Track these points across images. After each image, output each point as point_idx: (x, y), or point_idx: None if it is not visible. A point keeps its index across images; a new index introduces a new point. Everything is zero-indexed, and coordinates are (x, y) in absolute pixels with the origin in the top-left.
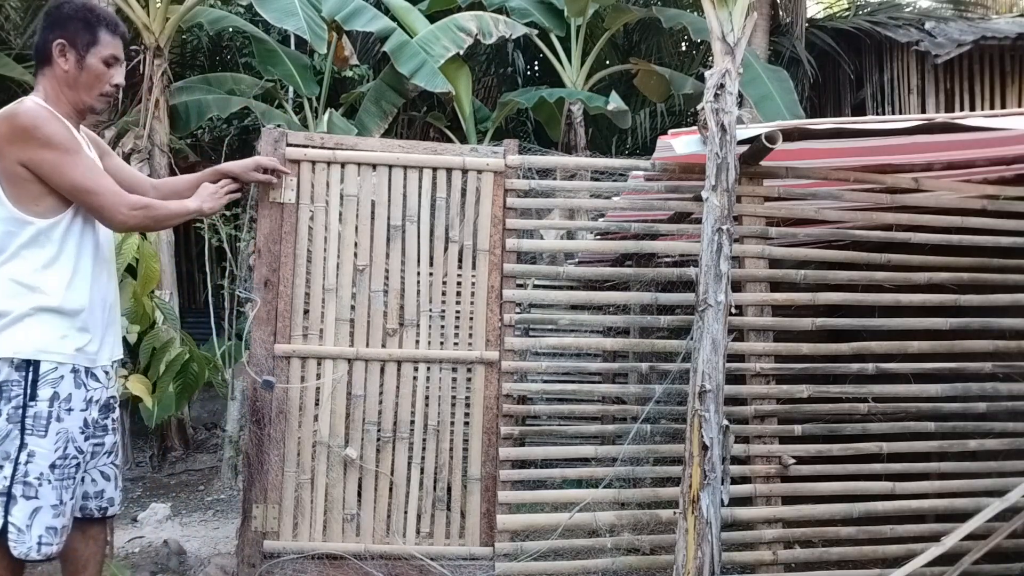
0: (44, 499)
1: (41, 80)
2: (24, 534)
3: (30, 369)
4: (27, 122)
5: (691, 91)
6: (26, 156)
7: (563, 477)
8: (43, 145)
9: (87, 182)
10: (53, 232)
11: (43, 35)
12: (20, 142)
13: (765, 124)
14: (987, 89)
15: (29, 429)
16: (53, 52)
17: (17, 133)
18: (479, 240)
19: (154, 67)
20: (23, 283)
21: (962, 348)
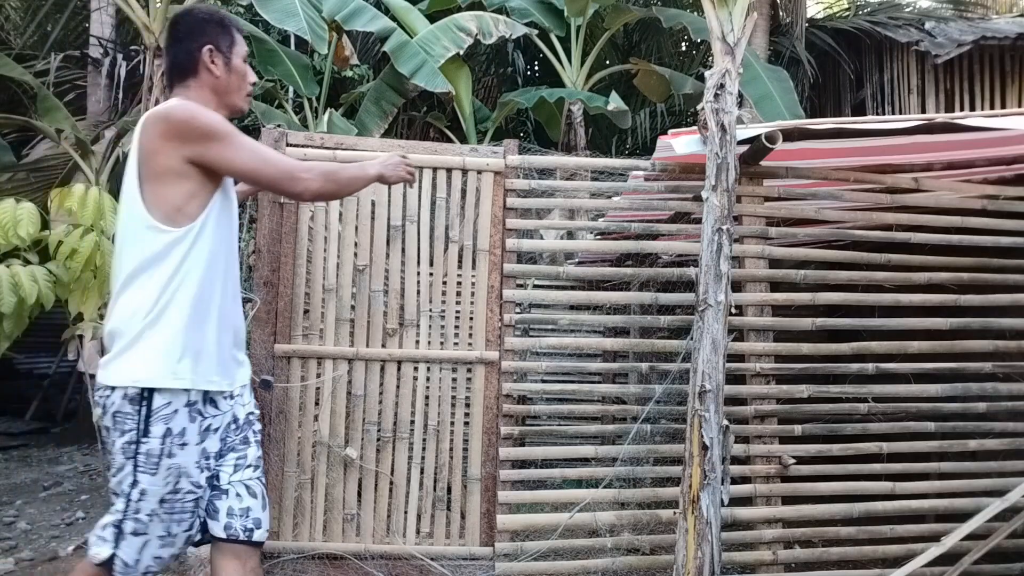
0: (152, 533)
1: (184, 93)
2: (132, 568)
3: (143, 403)
4: (186, 115)
5: (691, 91)
6: (192, 151)
7: (563, 477)
8: (207, 135)
9: (258, 158)
10: (185, 240)
11: (183, 46)
12: (182, 138)
13: (765, 124)
14: (987, 89)
15: (141, 466)
16: (203, 60)
17: (178, 129)
18: (479, 240)
19: (154, 67)
20: (147, 301)
21: (962, 348)
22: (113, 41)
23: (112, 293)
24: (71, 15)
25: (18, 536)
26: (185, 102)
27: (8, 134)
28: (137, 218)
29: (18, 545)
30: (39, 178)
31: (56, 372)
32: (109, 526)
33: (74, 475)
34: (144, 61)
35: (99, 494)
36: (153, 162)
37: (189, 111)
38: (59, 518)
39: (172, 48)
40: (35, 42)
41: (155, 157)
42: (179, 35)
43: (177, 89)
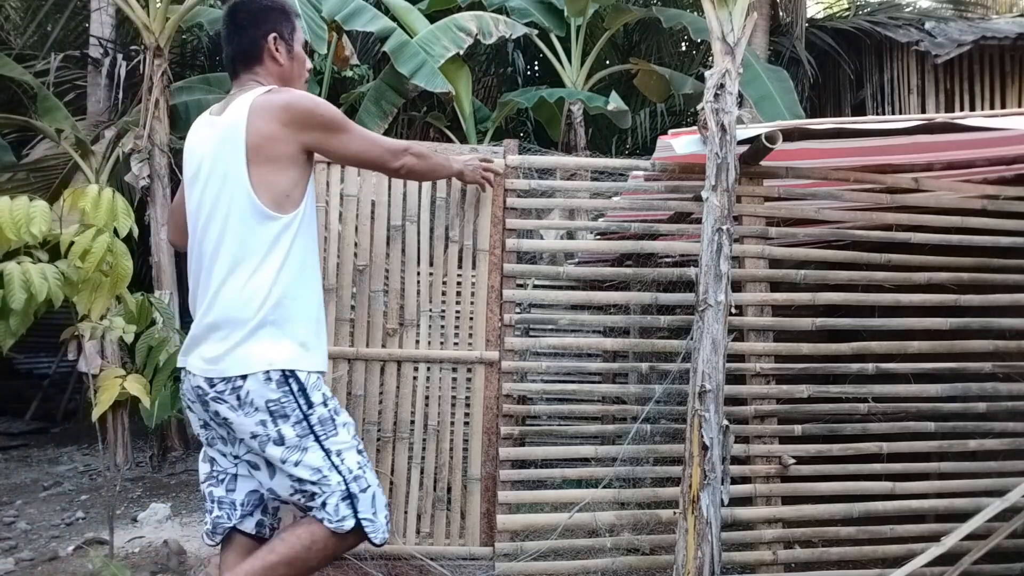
0: (372, 482)
1: (254, 79)
2: (375, 522)
3: (288, 383)
4: (310, 104)
5: (691, 91)
6: (311, 138)
7: (563, 477)
8: (327, 123)
9: (367, 140)
10: (292, 226)
11: (248, 34)
12: (303, 125)
13: (765, 124)
14: (987, 89)
15: (323, 434)
16: (269, 48)
17: (301, 117)
18: (479, 240)
19: (154, 67)
20: (262, 289)
21: (962, 348)
22: (113, 41)
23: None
24: (71, 15)
25: (18, 536)
26: (301, 92)
27: (8, 134)
28: (245, 204)
29: (18, 545)
30: (39, 178)
31: (56, 372)
32: (338, 506)
33: (74, 475)
34: (144, 61)
35: (99, 494)
36: (270, 148)
37: (312, 100)
38: (59, 518)
39: (235, 36)
40: (35, 42)
41: (273, 144)
42: (242, 23)
43: (244, 76)
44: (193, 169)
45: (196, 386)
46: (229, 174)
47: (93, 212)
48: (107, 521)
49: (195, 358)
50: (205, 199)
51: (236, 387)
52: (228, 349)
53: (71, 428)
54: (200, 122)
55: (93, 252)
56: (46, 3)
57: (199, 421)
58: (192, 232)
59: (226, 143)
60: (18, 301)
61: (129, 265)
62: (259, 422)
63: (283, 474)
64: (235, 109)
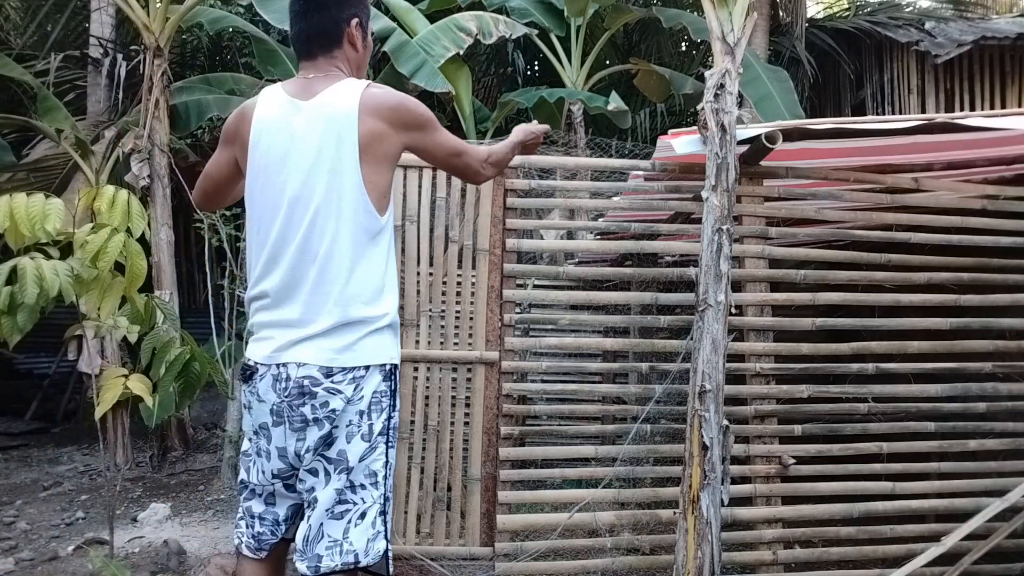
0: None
1: (332, 64)
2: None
3: (391, 379)
4: (412, 103)
5: (691, 91)
6: (411, 138)
7: (563, 477)
8: (426, 123)
9: (459, 144)
10: (387, 228)
11: (330, 13)
12: (406, 126)
13: (765, 124)
14: (987, 89)
15: (391, 442)
16: (350, 32)
17: (405, 117)
18: (479, 240)
19: (154, 67)
20: (370, 286)
21: (962, 348)
22: (113, 41)
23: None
24: (71, 15)
25: (18, 536)
26: (403, 93)
27: (8, 134)
28: (357, 201)
29: (18, 545)
30: (39, 178)
31: (56, 372)
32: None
33: (74, 475)
34: (144, 61)
35: (99, 494)
36: (377, 147)
37: (413, 100)
38: (59, 518)
39: (315, 14)
40: (35, 42)
41: (380, 143)
42: (324, 1)
43: (322, 60)
44: (280, 151)
45: (303, 376)
46: (339, 169)
47: (108, 212)
48: (107, 521)
49: (309, 349)
50: (297, 186)
51: (357, 377)
52: (353, 341)
53: (71, 428)
54: (276, 100)
55: (107, 252)
56: (46, 3)
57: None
58: (266, 214)
59: (330, 134)
60: (30, 296)
61: (143, 265)
62: (359, 412)
63: (341, 479)
64: (334, 99)
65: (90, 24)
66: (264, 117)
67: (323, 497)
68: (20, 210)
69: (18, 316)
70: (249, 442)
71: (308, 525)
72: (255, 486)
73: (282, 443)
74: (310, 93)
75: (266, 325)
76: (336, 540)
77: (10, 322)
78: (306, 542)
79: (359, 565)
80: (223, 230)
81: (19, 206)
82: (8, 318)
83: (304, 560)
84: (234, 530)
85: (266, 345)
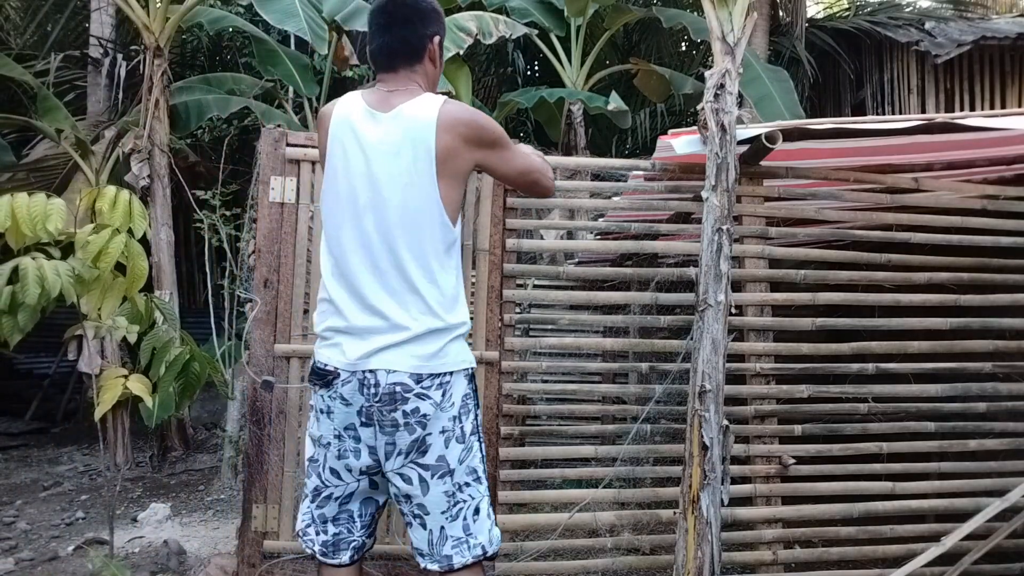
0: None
1: (413, 79)
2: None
3: (472, 380)
4: (485, 120)
5: (691, 91)
6: (482, 155)
7: (563, 477)
8: (498, 140)
9: (527, 160)
10: (459, 240)
11: (416, 29)
12: (479, 143)
13: (765, 124)
14: (987, 89)
15: (481, 438)
16: (432, 49)
17: (479, 135)
18: (479, 240)
19: (154, 67)
20: (452, 295)
21: (962, 348)
22: (113, 41)
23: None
24: (71, 15)
25: (18, 536)
26: (475, 109)
27: (8, 134)
28: (435, 215)
29: (18, 545)
30: (39, 178)
31: (56, 372)
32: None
33: (74, 475)
34: (144, 61)
35: (99, 494)
36: (452, 163)
37: (486, 117)
38: (59, 518)
39: (400, 28)
40: (35, 42)
41: (455, 159)
42: (409, 16)
43: (404, 73)
44: (357, 162)
45: (394, 383)
46: (417, 183)
47: (110, 213)
48: (107, 521)
49: (398, 355)
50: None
51: (444, 383)
52: (439, 348)
53: (71, 428)
54: (354, 108)
55: (109, 252)
56: (46, 3)
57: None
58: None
59: (407, 147)
60: (31, 296)
61: (145, 266)
62: (451, 418)
63: (446, 482)
64: (413, 113)
65: (90, 24)
66: (341, 125)
67: (432, 503)
68: (21, 210)
69: (19, 316)
70: (322, 447)
71: (428, 531)
72: (333, 488)
73: (372, 442)
74: (389, 106)
75: (341, 331)
76: (460, 538)
77: (11, 322)
78: (431, 546)
79: (487, 555)
80: (223, 230)
81: (20, 206)
82: (9, 318)
83: (435, 562)
84: (301, 538)
85: (346, 350)
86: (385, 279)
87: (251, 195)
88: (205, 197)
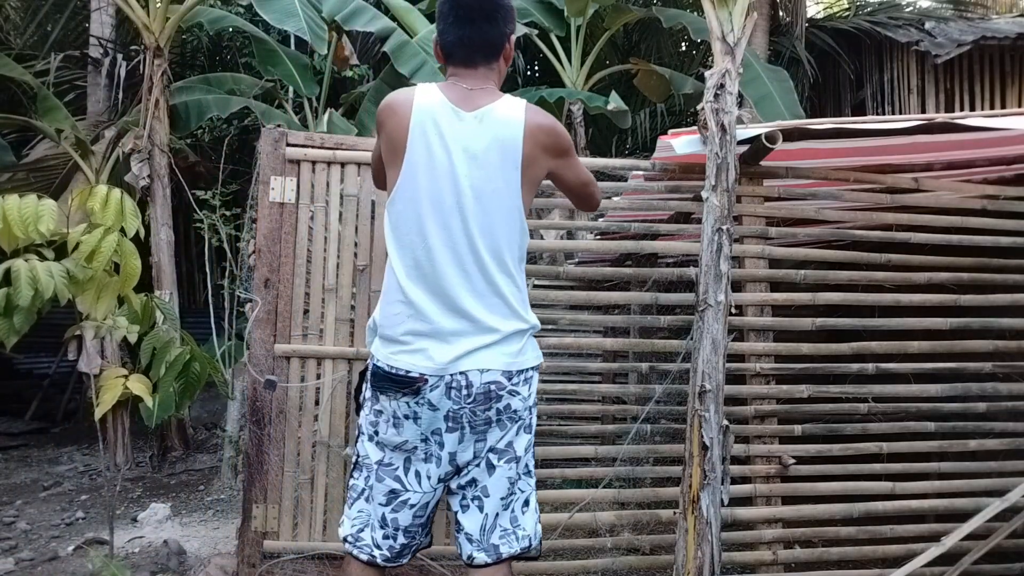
0: None
1: (490, 76)
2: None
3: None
4: (562, 131)
5: (691, 91)
6: (555, 164)
7: (563, 477)
8: (570, 150)
9: (588, 173)
10: (527, 243)
11: (499, 28)
12: (554, 152)
13: (765, 124)
14: (987, 89)
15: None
16: (507, 47)
17: (555, 144)
18: None
19: (154, 67)
20: (525, 297)
21: (962, 348)
22: (113, 41)
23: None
24: (71, 15)
25: (18, 536)
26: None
27: (8, 134)
28: (516, 218)
29: (18, 545)
30: (39, 178)
31: (56, 372)
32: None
33: (74, 475)
34: (144, 61)
35: (99, 494)
36: (532, 170)
37: (562, 127)
38: (59, 518)
39: (485, 24)
40: (35, 42)
41: (534, 166)
42: (493, 14)
43: (483, 69)
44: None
45: (489, 382)
46: (502, 188)
47: (101, 212)
48: (107, 521)
49: (491, 355)
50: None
51: (528, 378)
52: (523, 346)
53: (71, 428)
54: (434, 101)
55: (101, 252)
56: (46, 3)
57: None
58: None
59: (494, 150)
60: (24, 298)
61: (137, 265)
62: (528, 408)
63: (511, 468)
64: (500, 115)
65: (90, 24)
66: (423, 119)
67: (495, 487)
68: (12, 211)
69: (14, 318)
70: (403, 452)
71: (484, 515)
72: (411, 493)
73: (454, 448)
74: (473, 104)
75: (424, 335)
76: (507, 529)
77: (6, 324)
78: (483, 531)
79: (532, 547)
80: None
81: (11, 207)
82: (4, 320)
83: (482, 550)
84: (353, 544)
85: (433, 355)
86: (472, 282)
87: (251, 195)
88: (205, 197)
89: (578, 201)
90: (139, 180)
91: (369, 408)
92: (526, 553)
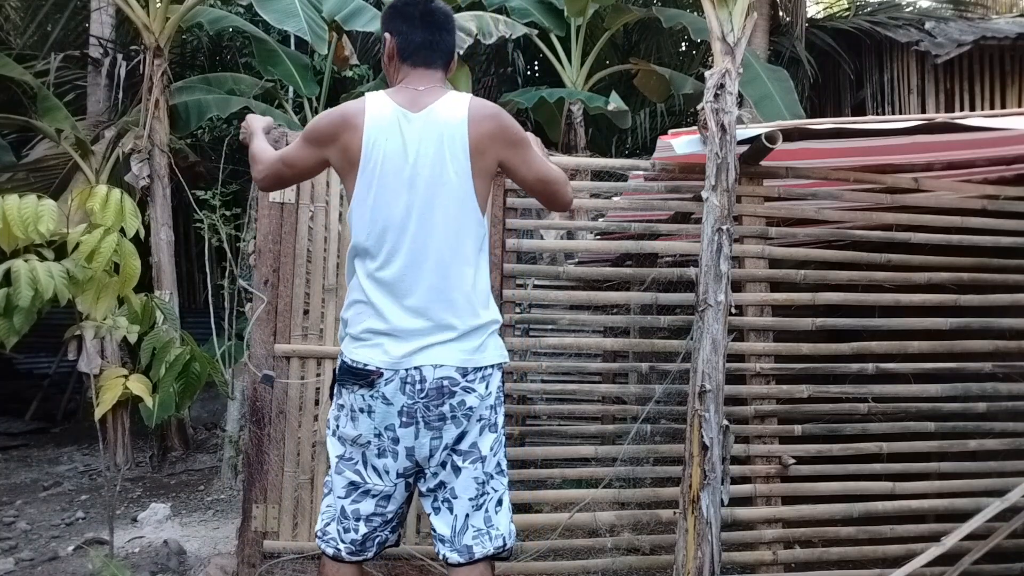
0: None
1: (443, 80)
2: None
3: (503, 375)
4: (510, 119)
5: (691, 91)
6: (506, 154)
7: (563, 477)
8: (520, 142)
9: (547, 164)
10: (487, 236)
11: (453, 38)
12: (503, 141)
13: (765, 124)
14: (987, 89)
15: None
16: (455, 61)
17: (504, 132)
18: None
19: (154, 67)
20: (484, 289)
21: (962, 348)
22: (113, 41)
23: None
24: (71, 15)
25: (18, 536)
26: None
27: (8, 134)
28: (471, 211)
29: (18, 545)
30: (39, 178)
31: (56, 372)
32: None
33: (74, 475)
34: (144, 61)
35: (99, 494)
36: (481, 159)
37: (509, 115)
38: (59, 518)
39: (446, 37)
40: (35, 42)
41: (483, 155)
42: (450, 25)
43: (440, 74)
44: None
45: (442, 377)
46: (453, 182)
47: (101, 212)
48: (107, 521)
49: (445, 351)
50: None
51: (486, 375)
52: (482, 342)
53: (71, 428)
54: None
55: (101, 252)
56: (46, 3)
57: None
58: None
59: (445, 146)
60: (24, 298)
61: (137, 265)
62: (489, 407)
63: (477, 469)
64: (444, 110)
65: (90, 24)
66: (376, 127)
67: (462, 488)
68: (12, 212)
69: (14, 318)
70: (360, 446)
71: (454, 516)
72: (372, 485)
73: (411, 443)
74: (419, 106)
75: (381, 333)
76: (481, 529)
77: (6, 325)
78: (454, 533)
79: (506, 548)
80: (223, 230)
81: (11, 208)
82: (4, 320)
83: (454, 551)
84: (321, 539)
85: (388, 349)
86: (430, 280)
87: (251, 195)
88: (205, 197)
89: (542, 199)
90: (139, 180)
91: (334, 403)
92: (499, 553)
